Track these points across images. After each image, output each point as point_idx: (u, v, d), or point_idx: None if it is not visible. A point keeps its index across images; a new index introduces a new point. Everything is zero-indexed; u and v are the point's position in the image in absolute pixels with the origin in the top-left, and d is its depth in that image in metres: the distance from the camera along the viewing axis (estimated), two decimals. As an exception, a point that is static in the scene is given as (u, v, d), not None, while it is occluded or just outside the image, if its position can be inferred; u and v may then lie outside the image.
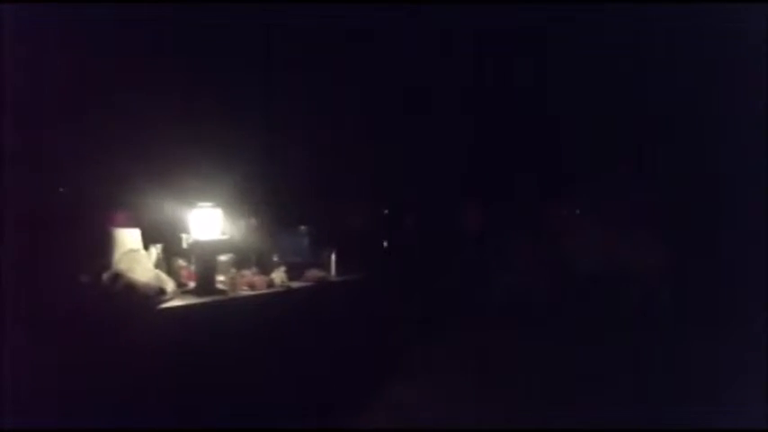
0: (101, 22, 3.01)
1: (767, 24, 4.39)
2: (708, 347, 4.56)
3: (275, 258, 3.70)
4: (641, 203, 5.87)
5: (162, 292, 2.80)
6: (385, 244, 4.63)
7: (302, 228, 3.88)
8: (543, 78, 5.05)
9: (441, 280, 4.93)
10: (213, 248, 3.06)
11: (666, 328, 5.18)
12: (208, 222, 3.03)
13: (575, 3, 4.39)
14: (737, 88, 4.71)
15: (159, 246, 3.07)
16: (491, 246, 5.63)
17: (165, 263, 3.15)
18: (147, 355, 2.67)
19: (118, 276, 2.77)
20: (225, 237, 3.12)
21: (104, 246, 3.01)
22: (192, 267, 3.30)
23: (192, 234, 3.04)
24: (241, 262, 3.46)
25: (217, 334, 2.91)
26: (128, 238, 3.04)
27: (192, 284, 3.18)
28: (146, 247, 3.11)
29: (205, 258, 3.02)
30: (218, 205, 3.06)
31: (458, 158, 5.30)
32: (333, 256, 3.86)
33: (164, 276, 2.85)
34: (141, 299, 2.75)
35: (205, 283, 3.02)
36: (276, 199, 3.75)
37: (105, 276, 2.85)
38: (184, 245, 3.37)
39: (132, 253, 2.83)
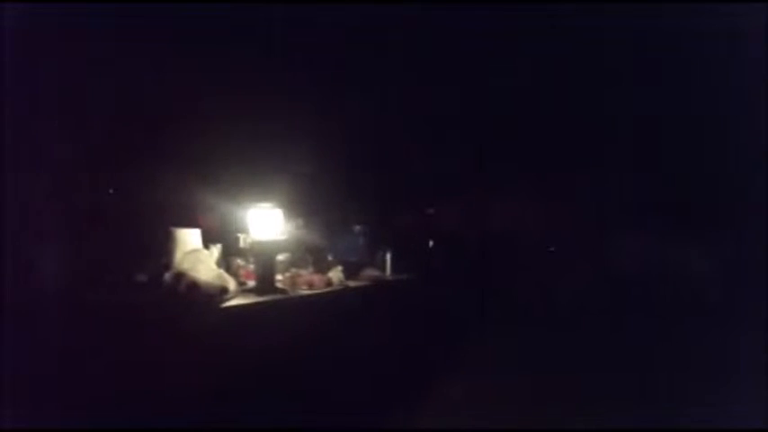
0: (159, 22, 3.03)
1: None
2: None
3: (330, 258, 3.68)
4: (688, 202, 5.68)
5: (224, 290, 2.79)
6: (431, 243, 4.57)
7: (357, 227, 3.85)
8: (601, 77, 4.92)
9: (495, 279, 4.84)
10: (273, 248, 3.05)
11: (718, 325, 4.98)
12: (267, 223, 3.02)
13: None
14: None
15: (219, 245, 3.07)
16: (543, 246, 5.54)
17: (224, 262, 3.16)
18: (211, 354, 2.67)
19: (181, 275, 2.77)
20: (284, 237, 3.10)
21: (166, 246, 3.03)
22: (251, 267, 3.31)
23: (252, 234, 3.03)
24: (298, 261, 3.45)
25: (278, 332, 2.90)
26: (188, 238, 3.05)
27: (250, 283, 3.17)
28: (205, 247, 3.12)
29: (265, 258, 3.01)
30: (276, 206, 3.05)
31: (512, 160, 5.20)
32: (388, 256, 3.82)
33: (226, 275, 2.84)
34: (205, 297, 2.74)
35: (265, 282, 3.01)
36: (332, 199, 3.73)
37: (168, 276, 2.87)
38: (241, 244, 3.39)
39: (195, 252, 2.84)
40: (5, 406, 2.18)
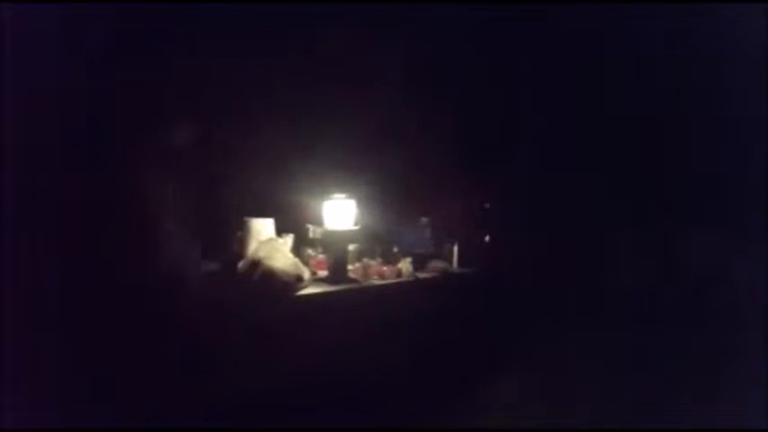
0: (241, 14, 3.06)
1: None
2: None
3: (395, 250, 3.66)
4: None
5: (300, 278, 2.81)
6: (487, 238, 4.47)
7: (423, 219, 3.82)
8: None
9: (564, 274, 4.73)
10: (346, 239, 3.05)
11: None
12: (341, 213, 3.02)
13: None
14: None
15: (292, 235, 3.08)
16: (610, 240, 5.36)
17: (296, 252, 3.17)
18: (288, 342, 2.68)
19: (257, 263, 2.79)
20: (356, 227, 3.10)
21: (242, 235, 3.06)
22: (320, 257, 3.32)
23: (326, 224, 3.04)
24: (367, 252, 3.44)
25: (353, 321, 2.90)
26: (262, 228, 3.07)
27: (321, 273, 3.18)
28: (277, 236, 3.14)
29: (338, 248, 3.01)
30: (350, 196, 3.05)
31: (575, 156, 5.08)
32: (455, 248, 3.78)
33: (301, 264, 2.85)
34: (280, 285, 2.76)
35: (338, 272, 3.02)
36: (400, 190, 3.70)
37: (243, 264, 2.89)
38: (311, 235, 3.40)
39: (271, 241, 2.86)
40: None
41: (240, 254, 3.06)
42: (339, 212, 3.04)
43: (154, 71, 2.77)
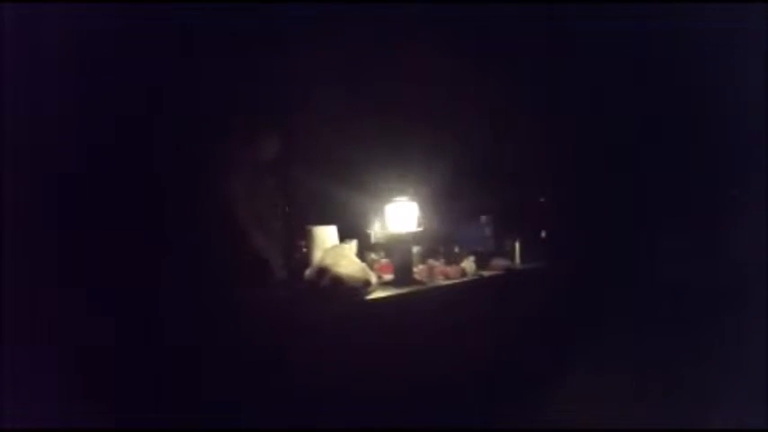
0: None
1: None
2: None
3: (456, 249, 3.64)
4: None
5: (367, 283, 2.82)
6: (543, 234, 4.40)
7: (483, 217, 3.80)
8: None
9: (619, 272, 4.62)
10: (410, 241, 3.05)
11: None
12: (404, 215, 3.03)
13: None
14: None
15: (355, 241, 3.10)
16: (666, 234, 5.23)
17: (359, 257, 3.18)
18: (362, 348, 2.69)
19: (324, 270, 2.81)
20: (419, 229, 3.10)
21: (304, 243, 3.10)
22: (384, 260, 3.33)
23: (390, 227, 3.05)
24: (429, 253, 3.44)
25: (423, 323, 2.90)
26: (326, 235, 3.10)
27: (386, 277, 3.18)
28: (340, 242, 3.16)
29: (403, 250, 3.01)
30: (412, 199, 3.05)
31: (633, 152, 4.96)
32: (517, 245, 3.74)
33: (368, 269, 2.86)
34: (349, 291, 2.77)
35: (404, 274, 3.02)
36: (460, 189, 3.69)
37: (310, 272, 2.92)
38: (372, 239, 3.42)
39: (337, 247, 2.89)
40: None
41: (305, 262, 3.10)
42: (402, 215, 3.04)
43: (228, 74, 2.84)
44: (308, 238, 3.12)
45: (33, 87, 2.38)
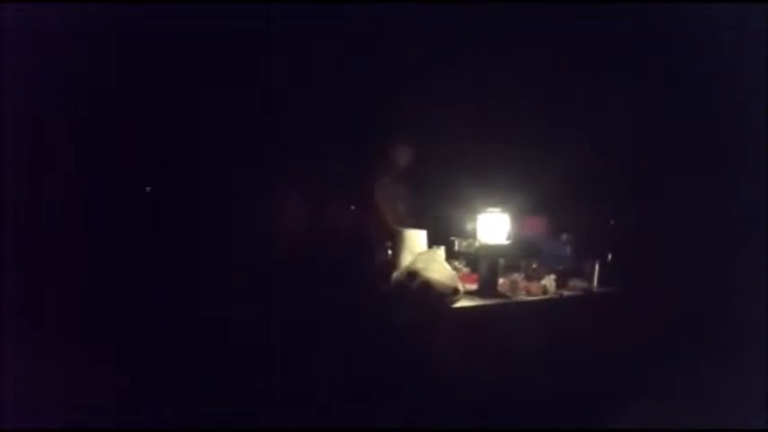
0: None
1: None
2: None
3: (534, 266, 3.65)
4: None
5: (456, 291, 2.86)
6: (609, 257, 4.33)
7: (564, 235, 3.79)
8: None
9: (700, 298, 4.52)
10: (498, 253, 3.09)
11: None
12: (495, 227, 3.06)
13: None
14: None
15: (443, 248, 3.15)
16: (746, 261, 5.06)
17: (445, 264, 3.24)
18: (447, 354, 2.74)
19: (415, 274, 2.87)
20: (508, 242, 3.13)
21: (394, 245, 3.17)
22: (465, 269, 3.37)
23: (481, 238, 3.09)
24: (512, 267, 3.46)
25: (504, 336, 2.93)
26: (416, 239, 3.17)
27: (468, 286, 3.22)
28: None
29: (491, 262, 3.05)
30: (504, 210, 3.08)
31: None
32: (596, 266, 3.72)
33: (456, 277, 2.91)
34: (437, 296, 2.82)
35: (490, 286, 3.06)
36: (545, 205, 3.70)
37: (399, 274, 2.99)
38: (456, 248, 3.47)
39: (429, 252, 2.95)
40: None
41: (392, 263, 3.17)
42: (493, 226, 3.07)
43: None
44: (397, 240, 3.18)
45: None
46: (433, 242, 3.29)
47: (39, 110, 2.77)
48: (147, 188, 3.58)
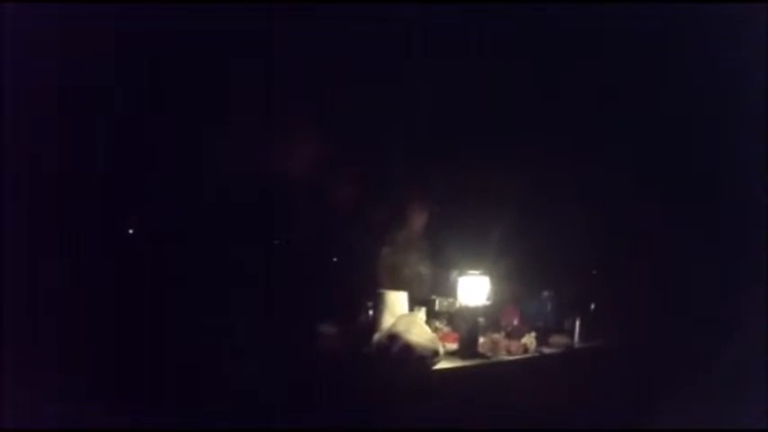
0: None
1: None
2: None
3: (515, 322, 3.69)
4: None
5: (436, 353, 2.89)
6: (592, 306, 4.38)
7: (545, 293, 3.85)
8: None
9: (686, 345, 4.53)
10: (478, 314, 3.13)
11: None
12: (475, 289, 3.12)
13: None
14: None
15: (424, 309, 3.19)
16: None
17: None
18: (426, 419, 2.75)
19: (395, 337, 2.90)
20: (488, 302, 3.18)
21: (377, 306, 3.21)
22: (446, 329, 3.41)
23: (461, 299, 3.14)
24: (491, 325, 3.50)
25: (484, 397, 2.94)
26: (396, 300, 3.21)
27: (449, 346, 3.24)
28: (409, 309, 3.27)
29: (471, 324, 3.09)
30: (484, 273, 3.15)
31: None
32: (577, 323, 3.76)
33: (437, 339, 2.94)
34: (418, 359, 2.85)
35: (469, 347, 3.09)
36: (524, 264, 3.77)
37: (379, 336, 3.01)
38: (437, 307, 3.51)
39: (410, 315, 2.98)
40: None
41: (372, 324, 3.20)
42: (473, 288, 3.12)
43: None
44: (378, 301, 3.22)
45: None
46: (413, 302, 3.34)
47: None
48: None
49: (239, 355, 3.20)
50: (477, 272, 3.18)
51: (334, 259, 3.81)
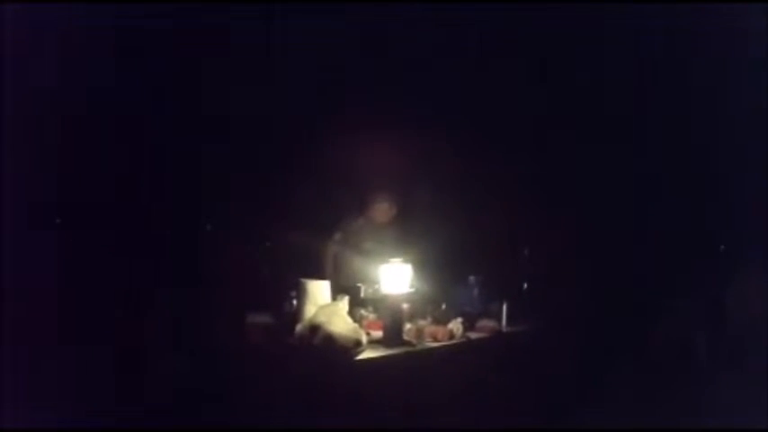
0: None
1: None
2: None
3: (443, 307, 3.67)
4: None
5: (359, 343, 2.83)
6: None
7: (471, 278, 3.83)
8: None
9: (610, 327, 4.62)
10: (401, 302, 3.08)
11: None
12: (397, 277, 3.06)
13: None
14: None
15: (347, 297, 3.11)
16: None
17: (349, 312, 3.19)
18: (350, 409, 2.68)
19: (317, 328, 2.82)
20: (411, 290, 3.13)
21: (299, 297, 3.11)
22: (372, 316, 3.35)
23: (383, 288, 3.07)
24: (418, 312, 3.46)
25: (409, 384, 2.90)
26: (318, 290, 3.12)
27: (374, 334, 3.19)
28: (332, 298, 3.19)
29: (394, 312, 3.03)
30: (406, 260, 3.09)
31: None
32: (504, 307, 3.76)
33: (359, 329, 2.88)
34: (340, 350, 2.78)
35: (394, 335, 3.04)
36: (448, 250, 3.75)
37: (301, 327, 2.93)
38: (362, 294, 3.44)
39: (331, 306, 2.91)
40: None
41: (295, 314, 3.11)
42: (395, 276, 3.07)
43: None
44: (299, 291, 3.13)
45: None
46: (337, 290, 3.26)
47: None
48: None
49: (161, 350, 3.10)
50: (399, 259, 3.11)
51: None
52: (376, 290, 3.34)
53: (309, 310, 3.02)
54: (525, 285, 4.25)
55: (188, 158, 3.41)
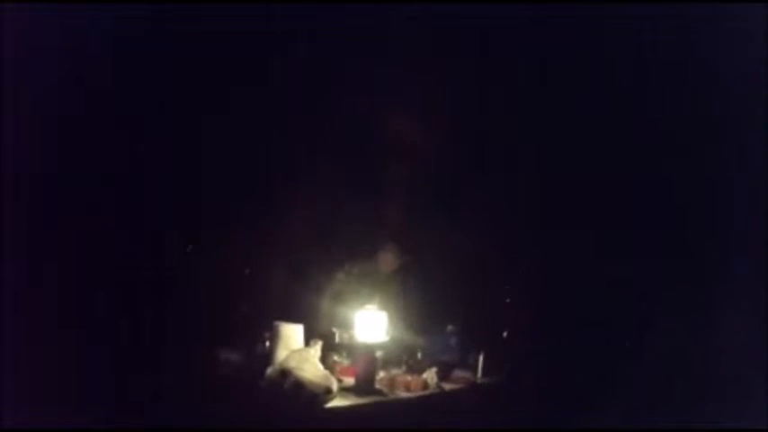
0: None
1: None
2: None
3: (419, 356, 3.64)
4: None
5: (329, 390, 2.79)
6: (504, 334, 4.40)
7: (449, 327, 3.81)
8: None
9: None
10: (376, 350, 3.06)
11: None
12: (372, 324, 3.04)
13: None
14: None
15: (320, 342, 3.09)
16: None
17: (323, 357, 3.17)
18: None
19: (287, 373, 2.79)
20: (386, 338, 3.11)
21: (272, 340, 3.09)
22: (346, 362, 3.32)
23: (358, 336, 3.06)
24: (392, 360, 3.43)
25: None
26: (292, 334, 3.10)
27: (346, 380, 3.16)
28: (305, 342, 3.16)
29: (367, 360, 3.01)
30: (381, 308, 3.08)
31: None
32: (480, 357, 3.74)
33: (330, 376, 2.85)
34: (310, 396, 2.74)
35: (366, 384, 3.01)
36: (426, 300, 3.74)
37: (272, 371, 2.89)
38: (337, 340, 3.42)
39: (303, 351, 2.88)
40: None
41: (267, 356, 3.08)
42: (371, 324, 3.05)
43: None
44: (273, 333, 3.10)
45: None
46: (311, 335, 3.24)
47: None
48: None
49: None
50: (374, 306, 3.10)
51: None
52: (351, 335, 3.31)
53: (281, 353, 2.99)
54: (505, 334, 4.22)
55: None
